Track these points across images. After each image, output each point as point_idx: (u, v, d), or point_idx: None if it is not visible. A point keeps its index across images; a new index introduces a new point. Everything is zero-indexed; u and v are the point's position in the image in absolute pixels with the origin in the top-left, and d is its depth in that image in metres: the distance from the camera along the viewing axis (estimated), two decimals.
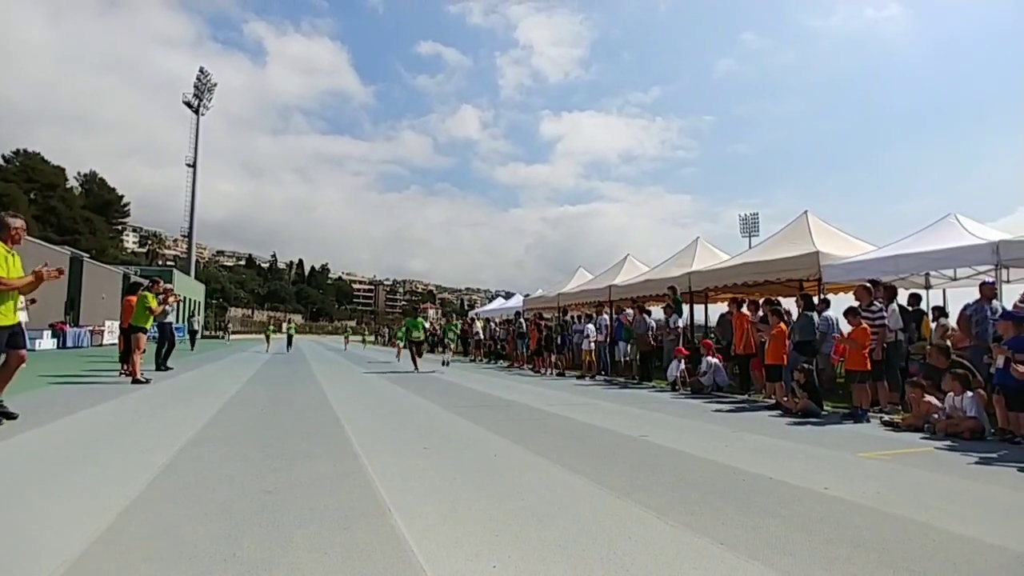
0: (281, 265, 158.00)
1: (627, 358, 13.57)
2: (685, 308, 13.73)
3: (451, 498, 3.45)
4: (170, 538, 2.70)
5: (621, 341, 13.68)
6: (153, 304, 10.07)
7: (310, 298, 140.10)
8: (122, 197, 79.97)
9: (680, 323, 12.60)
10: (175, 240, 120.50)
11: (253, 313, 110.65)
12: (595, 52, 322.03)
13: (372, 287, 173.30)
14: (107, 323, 30.19)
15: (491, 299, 74.30)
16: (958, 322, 8.23)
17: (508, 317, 22.26)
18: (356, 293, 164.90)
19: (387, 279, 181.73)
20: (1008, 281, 8.51)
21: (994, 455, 5.05)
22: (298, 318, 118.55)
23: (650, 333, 12.57)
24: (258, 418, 6.42)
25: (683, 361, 10.83)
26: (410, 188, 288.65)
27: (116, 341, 10.51)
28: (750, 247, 16.33)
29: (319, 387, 10.25)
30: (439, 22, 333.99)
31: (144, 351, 9.93)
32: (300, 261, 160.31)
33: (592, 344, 14.13)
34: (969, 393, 6.01)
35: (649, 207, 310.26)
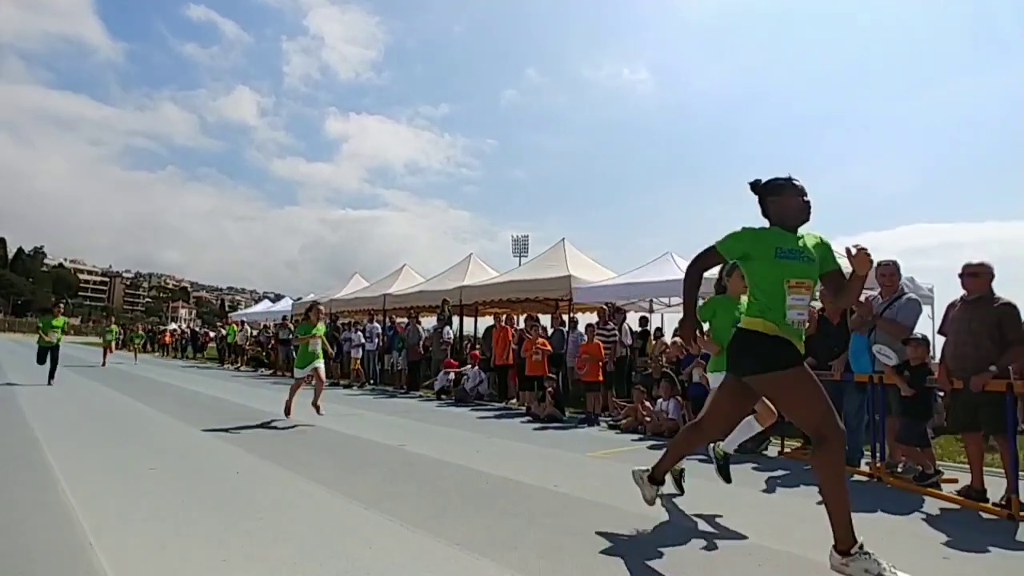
0: None
1: (398, 367, 13.65)
2: (456, 320, 14.35)
3: (175, 524, 3.10)
4: None
5: (394, 350, 13.72)
6: None
7: (14, 287, 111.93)
8: None
9: (450, 334, 13.11)
10: None
11: None
12: (389, 58, 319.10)
13: (106, 279, 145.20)
14: None
15: (257, 301, 68.12)
16: (672, 341, 10.05)
17: (276, 321, 20.63)
18: (83, 285, 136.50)
19: (127, 271, 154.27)
20: None
21: None
22: None
23: (420, 343, 12.84)
24: None
25: (451, 372, 11.29)
26: (166, 168, 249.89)
27: None
28: (519, 266, 17.73)
29: (12, 398, 8.29)
30: None
31: None
32: (2, 240, 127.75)
33: (360, 352, 13.94)
34: (671, 400, 7.35)
35: (431, 219, 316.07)
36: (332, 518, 3.32)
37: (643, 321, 11.58)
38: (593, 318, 9.91)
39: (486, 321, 14.13)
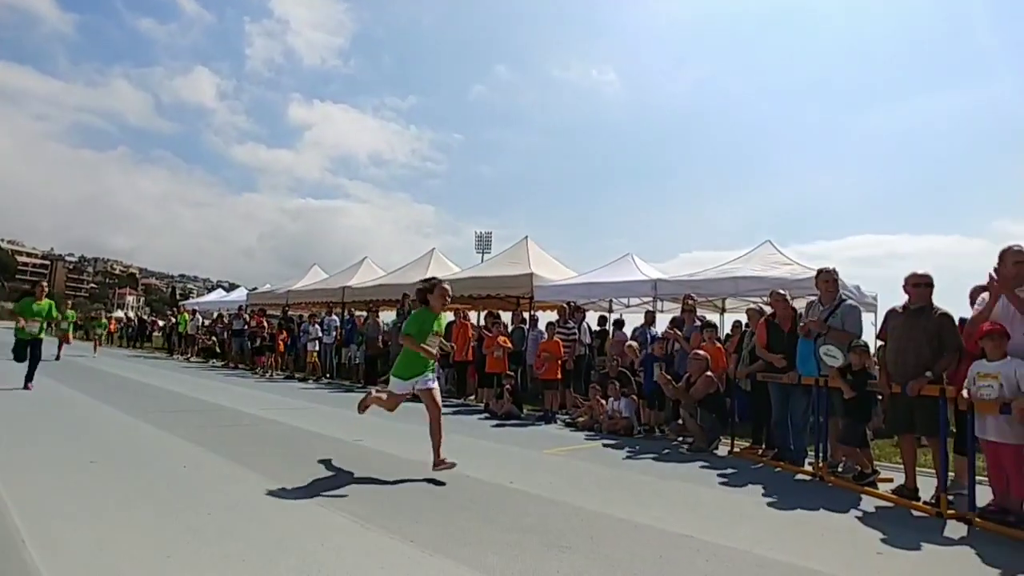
0: None
1: (355, 362, 13.46)
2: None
3: (115, 520, 2.99)
4: None
5: (353, 344, 13.51)
6: None
7: None
8: None
9: None
10: None
11: None
12: (356, 46, 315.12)
13: (48, 263, 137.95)
14: None
15: (210, 289, 65.95)
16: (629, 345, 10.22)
17: (231, 311, 19.98)
18: (21, 268, 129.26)
19: (70, 254, 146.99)
20: (662, 311, 10.85)
21: (637, 447, 6.36)
22: None
23: (380, 337, 12.68)
24: None
25: None
26: (117, 148, 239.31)
27: None
28: (482, 262, 17.69)
29: None
30: None
31: None
32: None
33: (316, 345, 13.71)
34: (624, 399, 7.47)
35: (395, 212, 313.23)
36: (282, 513, 3.26)
37: (602, 320, 11.72)
38: (554, 316, 9.99)
39: (447, 317, 14.06)
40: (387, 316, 14.02)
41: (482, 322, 12.04)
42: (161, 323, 27.89)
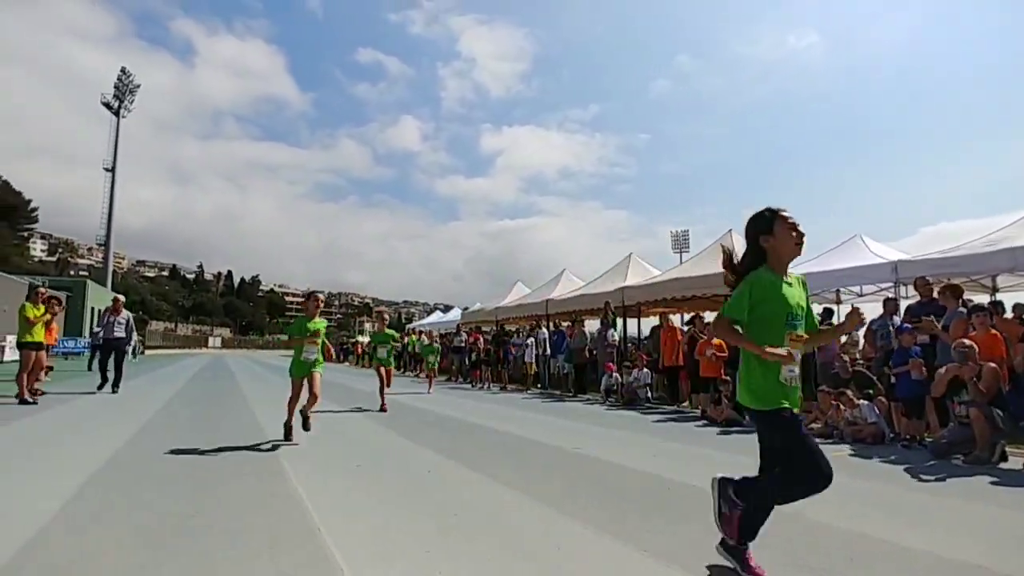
0: (208, 276, 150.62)
1: (564, 372, 13.84)
2: (619, 322, 14.15)
3: (383, 516, 3.44)
4: (87, 567, 2.57)
5: (560, 354, 13.93)
6: (31, 315, 9.30)
7: (239, 311, 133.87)
8: (29, 201, 74.22)
9: (615, 336, 12.98)
10: (90, 249, 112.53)
11: (176, 327, 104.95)
12: (537, 67, 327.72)
13: (305, 299, 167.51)
14: (8, 338, 27.81)
15: (429, 312, 73.61)
16: (864, 336, 8.91)
17: (450, 330, 22.10)
18: (289, 305, 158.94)
19: (321, 291, 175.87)
20: (906, 297, 9.29)
21: (893, 458, 5.50)
22: (226, 332, 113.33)
23: (586, 347, 12.88)
24: (179, 441, 6.13)
25: (614, 374, 11.17)
26: (348, 199, 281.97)
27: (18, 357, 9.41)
28: (680, 263, 17.01)
29: (244, 402, 9.87)
30: (380, 30, 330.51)
31: (31, 369, 9.19)
32: (229, 272, 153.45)
33: (533, 357, 14.35)
34: (868, 402, 6.51)
35: (587, 222, 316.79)
36: (519, 518, 3.45)
37: (827, 313, 10.39)
38: None
39: (650, 321, 13.77)
40: (592, 325, 14.21)
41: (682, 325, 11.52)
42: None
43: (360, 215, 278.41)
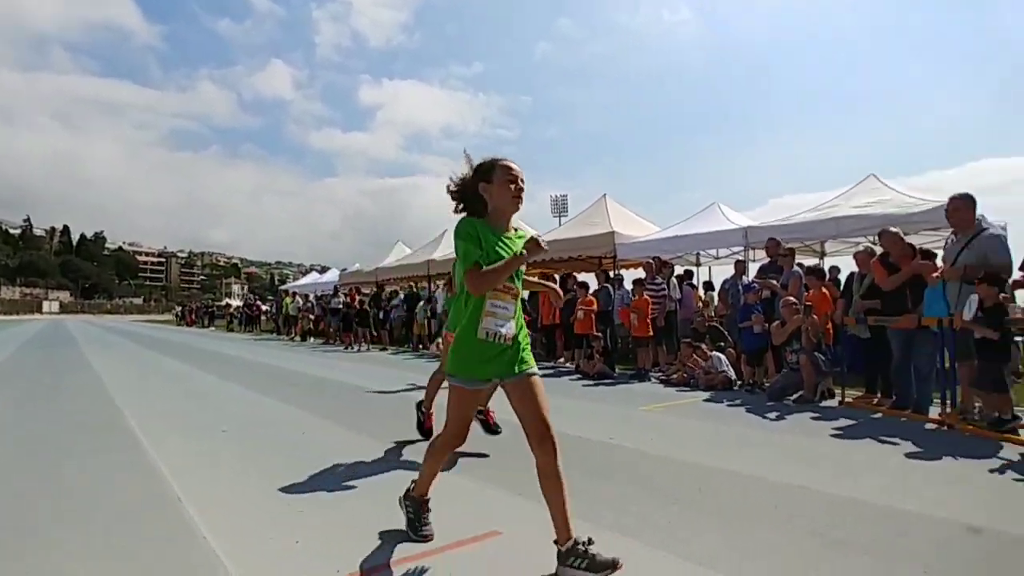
0: (39, 232, 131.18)
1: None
2: None
3: (251, 481, 3.26)
4: None
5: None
6: None
7: (80, 271, 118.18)
8: None
9: None
10: None
11: (1, 289, 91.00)
12: (419, 18, 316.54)
13: (163, 260, 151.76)
14: None
15: (304, 273, 70.03)
16: (719, 294, 9.83)
17: (327, 292, 21.14)
18: (142, 266, 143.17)
19: (181, 251, 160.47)
20: (755, 260, 10.31)
21: (738, 401, 6.15)
22: (65, 295, 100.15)
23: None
24: (12, 410, 5.36)
25: None
26: (209, 148, 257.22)
27: None
28: (559, 226, 17.50)
29: (93, 373, 8.84)
30: None
31: None
32: (65, 227, 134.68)
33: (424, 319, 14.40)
34: (719, 353, 7.22)
35: None
36: (387, 466, 3.43)
37: (687, 275, 11.29)
38: (638, 273, 9.76)
39: None
40: None
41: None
42: (264, 307, 29.91)
43: (224, 167, 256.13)
